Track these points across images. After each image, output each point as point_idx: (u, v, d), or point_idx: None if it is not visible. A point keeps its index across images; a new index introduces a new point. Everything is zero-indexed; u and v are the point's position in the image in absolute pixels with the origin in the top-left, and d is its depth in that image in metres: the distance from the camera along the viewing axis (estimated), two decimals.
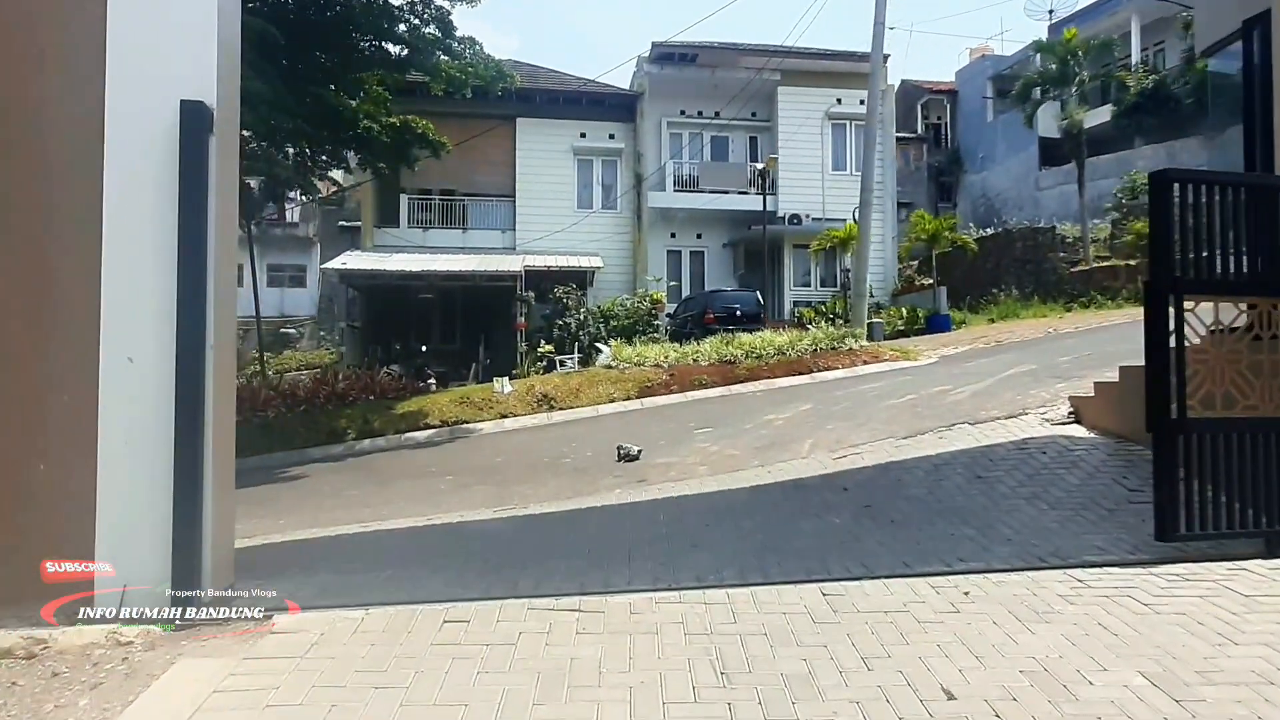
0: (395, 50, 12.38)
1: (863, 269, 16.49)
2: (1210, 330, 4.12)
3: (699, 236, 22.04)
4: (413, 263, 18.56)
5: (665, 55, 21.75)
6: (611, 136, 22.33)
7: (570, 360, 15.57)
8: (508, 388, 12.34)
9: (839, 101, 21.89)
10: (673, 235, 21.79)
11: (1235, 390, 4.11)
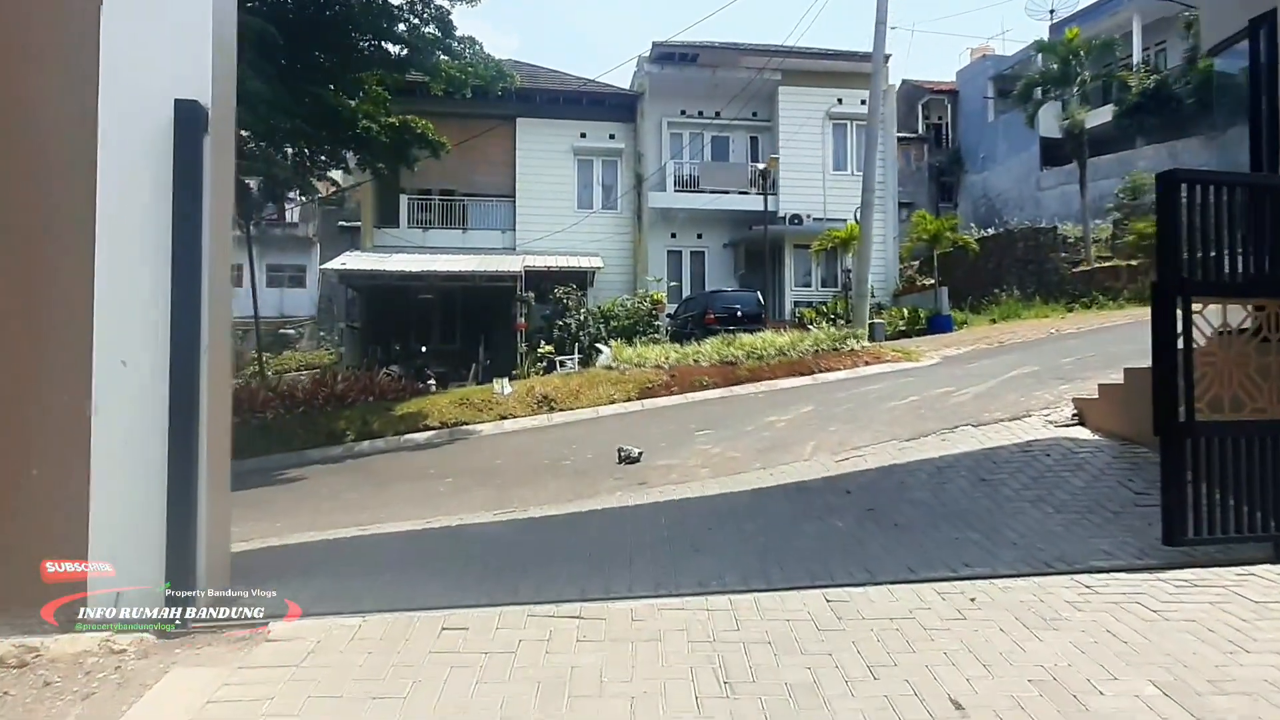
0: (395, 50, 12.34)
1: (864, 269, 16.45)
2: (1219, 332, 4.08)
3: (699, 237, 21.99)
4: (412, 263, 18.52)
5: (666, 55, 21.71)
6: (612, 136, 22.28)
7: (570, 361, 15.51)
8: (507, 389, 12.28)
9: (840, 101, 21.87)
10: (673, 235, 21.74)
11: (1243, 393, 4.06)
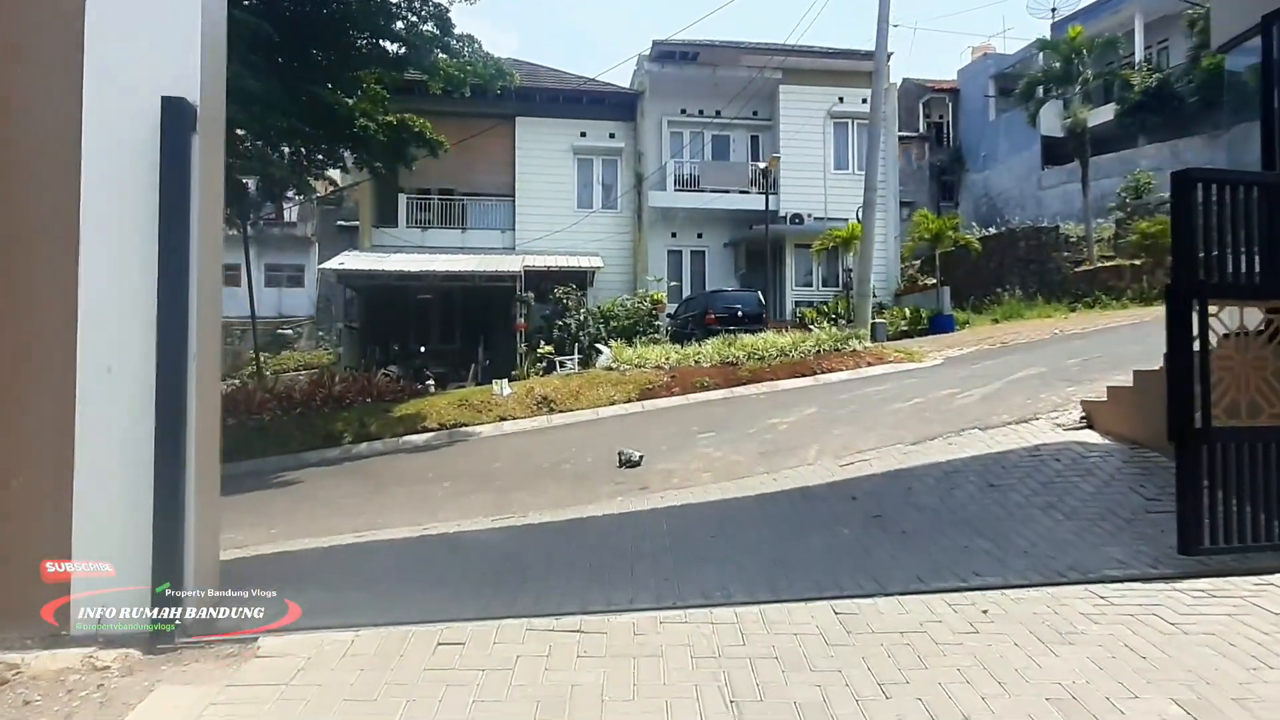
0: (393, 48, 12.22)
1: (866, 269, 16.34)
2: (1236, 334, 3.98)
3: (700, 236, 21.88)
4: (411, 263, 18.40)
5: (666, 54, 21.60)
6: (612, 135, 22.16)
7: (570, 361, 15.41)
8: (507, 390, 12.18)
9: (841, 100, 21.76)
10: (673, 235, 21.62)
11: (1261, 398, 3.97)
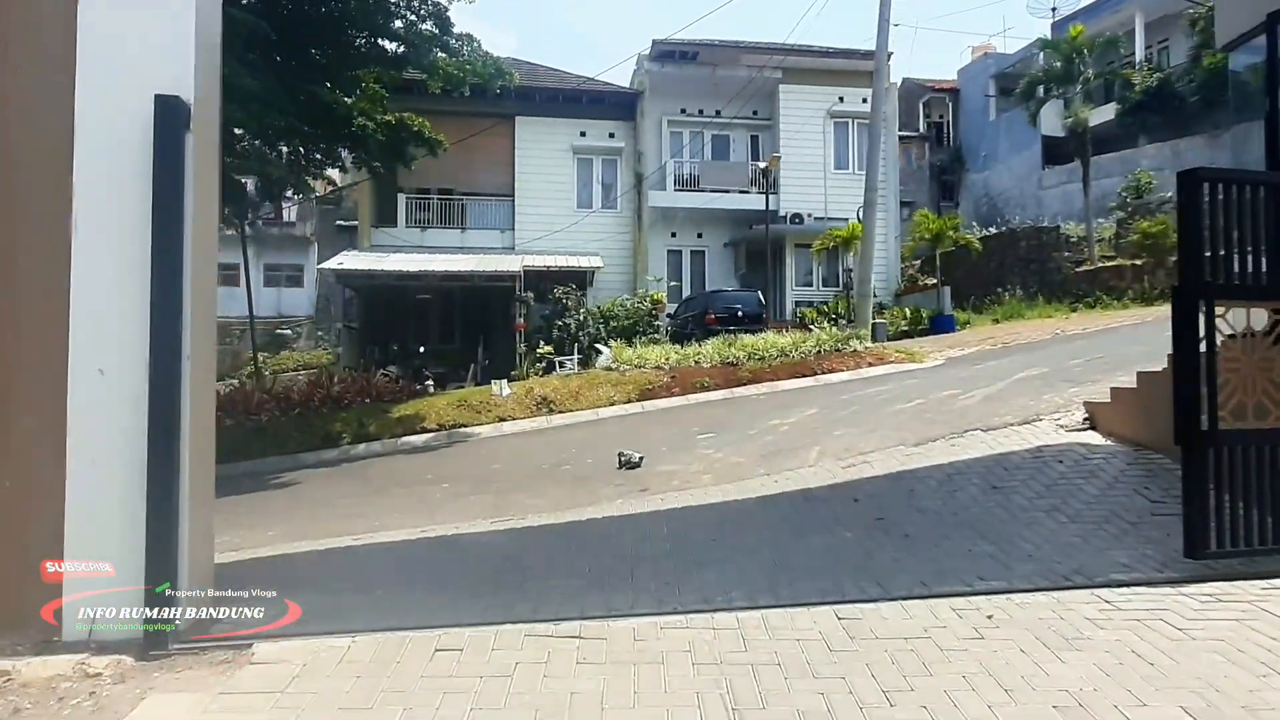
0: (392, 47, 12.18)
1: (867, 269, 16.30)
2: (1242, 335, 3.93)
3: (700, 236, 21.83)
4: (410, 263, 18.34)
5: (666, 53, 21.55)
6: (611, 135, 22.10)
7: (570, 362, 15.36)
8: (506, 390, 12.13)
9: (841, 100, 21.71)
10: (673, 235, 21.57)
11: (1268, 400, 3.92)
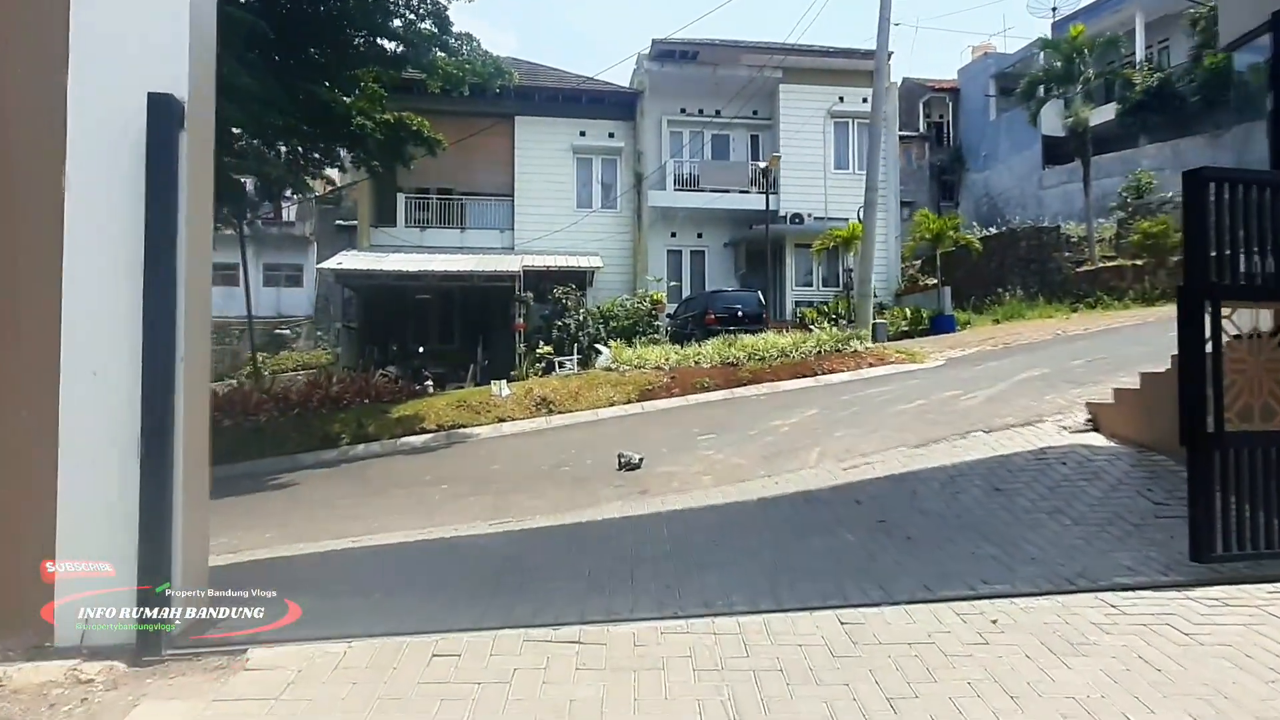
0: (391, 46, 12.13)
1: (867, 269, 16.26)
2: (1249, 336, 3.89)
3: (700, 236, 21.79)
4: (410, 263, 18.29)
5: (665, 53, 21.51)
6: (611, 135, 22.05)
7: (569, 362, 15.31)
8: (505, 390, 12.09)
9: (841, 100, 21.67)
10: (673, 235, 21.53)
11: (1274, 401, 3.89)
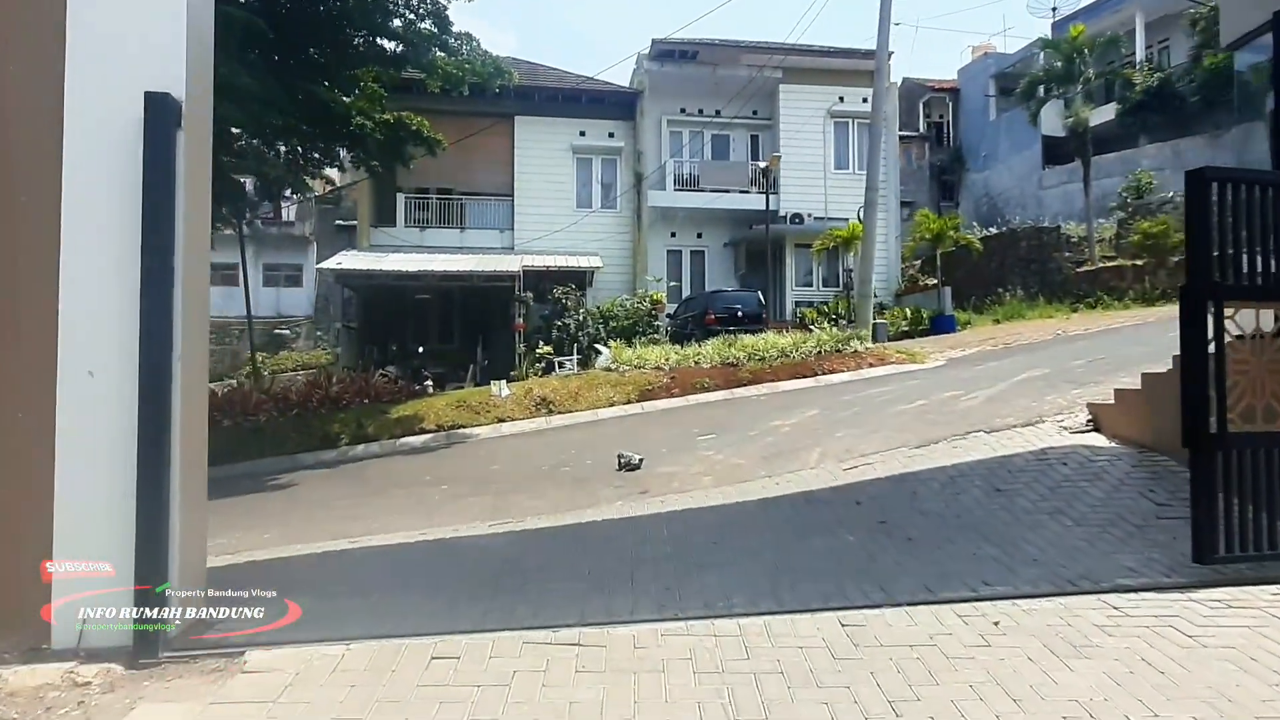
0: (390, 46, 12.12)
1: (868, 269, 16.24)
2: (1252, 336, 3.88)
3: (699, 236, 21.77)
4: (409, 262, 18.27)
5: (665, 53, 21.49)
6: (611, 135, 22.03)
7: (569, 362, 15.30)
8: (505, 390, 12.07)
9: (841, 100, 21.66)
10: (673, 235, 21.51)
11: (1277, 402, 3.87)
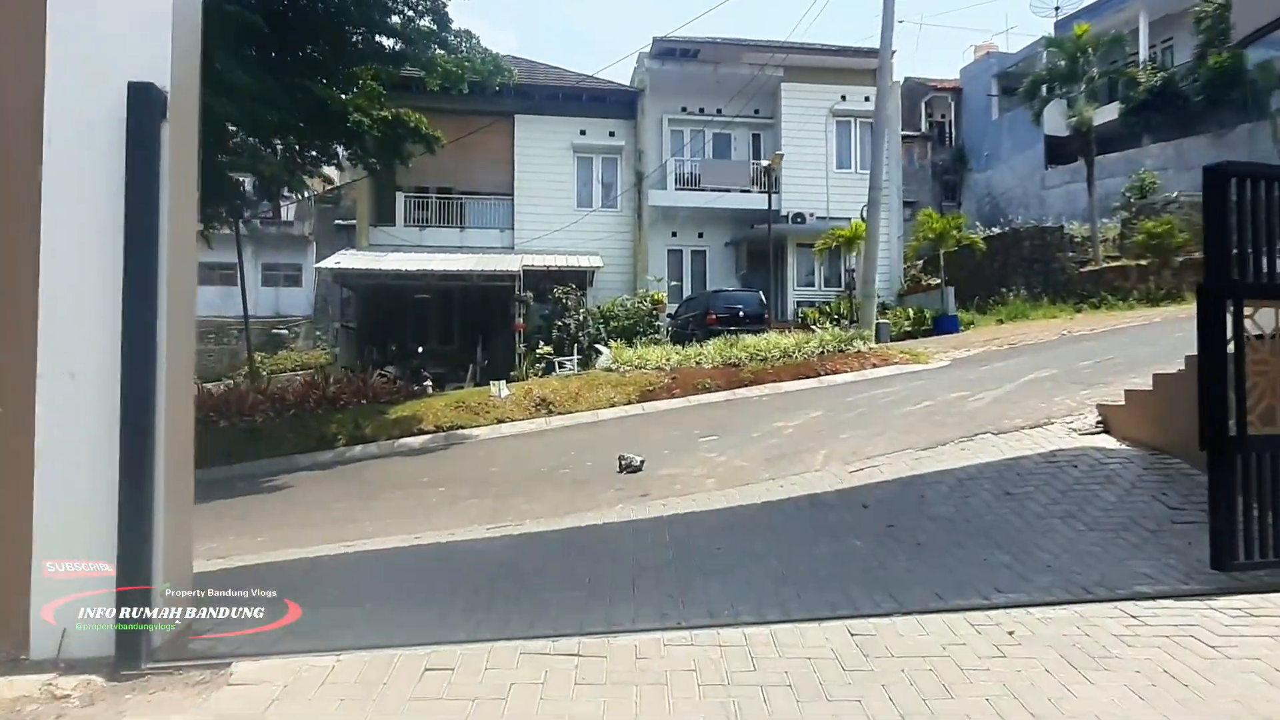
0: (389, 43, 12.01)
1: (871, 269, 16.13)
2: (1270, 336, 3.77)
3: (700, 235, 21.64)
4: (409, 262, 18.15)
5: (666, 51, 21.37)
6: (612, 134, 21.91)
7: (569, 362, 15.19)
8: (505, 391, 11.97)
9: (843, 98, 21.54)
10: (674, 234, 21.39)
11: None
